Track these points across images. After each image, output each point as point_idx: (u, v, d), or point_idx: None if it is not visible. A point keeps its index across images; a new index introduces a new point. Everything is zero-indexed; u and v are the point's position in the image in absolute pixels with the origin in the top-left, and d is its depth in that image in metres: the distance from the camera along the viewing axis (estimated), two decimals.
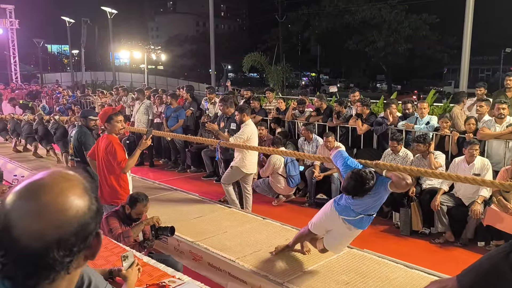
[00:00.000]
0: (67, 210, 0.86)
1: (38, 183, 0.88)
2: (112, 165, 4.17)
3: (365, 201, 3.36)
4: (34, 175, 0.90)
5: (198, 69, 53.47)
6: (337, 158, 3.67)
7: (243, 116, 5.77)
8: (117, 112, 4.27)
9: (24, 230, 0.83)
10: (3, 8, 21.48)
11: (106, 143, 4.17)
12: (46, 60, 49.11)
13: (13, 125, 10.34)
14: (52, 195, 0.86)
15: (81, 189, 0.91)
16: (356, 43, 33.45)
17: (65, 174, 0.92)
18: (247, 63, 19.04)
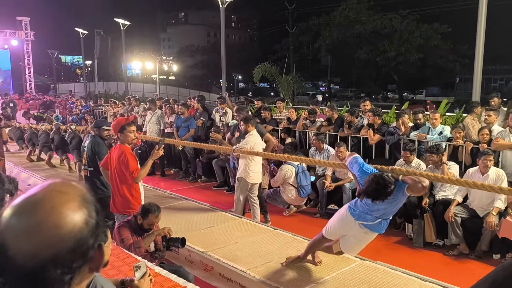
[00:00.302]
0: (60, 227, 0.82)
1: (31, 199, 0.84)
2: (124, 174, 4.20)
3: (383, 206, 3.36)
4: (30, 190, 0.86)
5: (209, 79, 53.84)
6: (352, 164, 3.68)
7: (247, 127, 5.89)
8: (130, 123, 4.31)
9: (17, 249, 0.80)
10: (19, 20, 21.95)
11: (119, 153, 4.21)
12: (60, 70, 49.95)
13: (29, 135, 10.51)
14: (44, 212, 0.82)
15: (78, 203, 0.86)
16: (367, 53, 33.41)
17: (61, 187, 0.87)
18: (258, 73, 19.14)
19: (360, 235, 3.56)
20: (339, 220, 3.69)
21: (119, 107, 12.19)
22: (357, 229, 3.52)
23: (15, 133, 11.17)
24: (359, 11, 33.92)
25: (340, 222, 3.66)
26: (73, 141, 9.02)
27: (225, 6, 14.50)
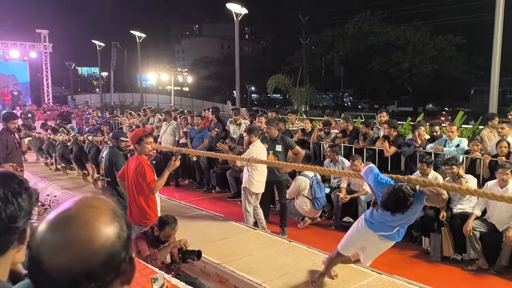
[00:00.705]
0: (93, 242, 0.83)
1: (64, 215, 0.87)
2: (141, 185, 4.24)
3: (402, 217, 3.34)
4: (63, 205, 0.89)
5: (222, 91, 54.27)
6: (368, 174, 3.66)
7: (251, 137, 6.04)
8: (147, 134, 4.37)
9: (52, 263, 0.82)
10: (38, 32, 22.50)
11: (136, 164, 4.26)
12: (77, 82, 50.88)
13: (47, 145, 10.69)
14: (78, 227, 0.84)
15: (109, 217, 0.88)
16: (380, 64, 33.33)
17: (92, 202, 0.89)
18: (271, 84, 19.23)
19: (380, 245, 3.56)
20: (356, 234, 3.65)
21: (135, 118, 12.35)
22: (377, 240, 3.50)
23: (35, 143, 11.39)
24: (372, 23, 33.95)
25: (358, 236, 3.63)
26: (91, 151, 9.17)
27: (239, 19, 14.62)
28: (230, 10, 14.71)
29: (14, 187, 1.11)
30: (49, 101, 22.55)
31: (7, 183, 1.11)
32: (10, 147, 5.69)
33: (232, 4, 14.59)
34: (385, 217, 3.40)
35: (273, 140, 6.28)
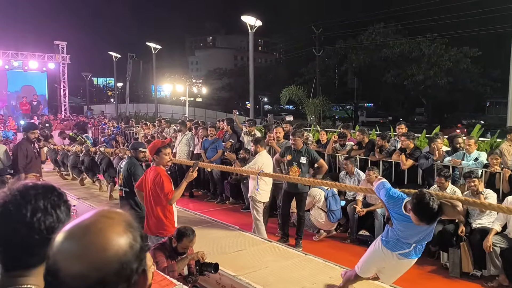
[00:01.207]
0: (106, 250, 0.86)
1: (80, 224, 0.90)
2: (159, 196, 4.27)
3: (416, 231, 3.31)
4: (80, 216, 0.92)
5: (235, 101, 54.55)
6: (379, 188, 3.63)
7: (257, 147, 6.34)
8: (166, 145, 4.41)
9: (68, 271, 0.85)
10: (56, 44, 22.99)
11: (154, 175, 4.29)
12: (92, 92, 51.74)
13: (62, 156, 10.85)
14: (92, 235, 0.87)
15: (122, 227, 0.91)
16: (395, 76, 33.20)
17: (107, 213, 0.93)
18: (285, 96, 19.28)
19: (399, 265, 3.50)
20: (374, 255, 3.61)
21: (150, 129, 12.47)
22: (396, 260, 3.45)
23: (50, 154, 11.56)
24: (386, 35, 33.91)
25: (376, 257, 3.59)
26: (102, 162, 9.27)
27: (254, 31, 14.74)
28: (243, 21, 14.83)
29: (54, 199, 1.15)
30: (65, 111, 22.92)
31: (47, 195, 1.14)
32: (30, 156, 5.79)
33: (247, 17, 14.71)
34: (400, 233, 3.36)
35: (298, 152, 6.27)
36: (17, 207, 1.09)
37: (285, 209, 6.46)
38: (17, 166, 5.67)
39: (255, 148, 6.38)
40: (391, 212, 3.45)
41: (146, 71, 34.31)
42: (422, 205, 3.13)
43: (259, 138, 6.68)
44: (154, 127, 12.39)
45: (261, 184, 6.10)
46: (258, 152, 6.30)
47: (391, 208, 3.43)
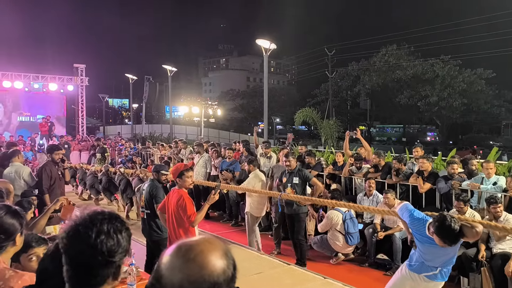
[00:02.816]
0: (203, 268, 1.00)
1: (187, 244, 1.06)
2: (182, 218, 4.33)
3: (439, 254, 3.35)
4: (189, 238, 1.09)
5: (248, 122, 54.96)
6: (403, 210, 3.72)
7: (250, 167, 6.97)
8: (188, 168, 4.51)
9: (169, 279, 1.01)
10: (75, 67, 23.65)
11: (177, 197, 4.38)
12: (108, 113, 52.63)
13: (81, 174, 11.06)
14: (194, 254, 1.03)
15: (221, 253, 1.06)
16: (408, 98, 33.20)
17: (210, 239, 1.09)
18: (299, 117, 19.41)
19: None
20: (400, 281, 3.64)
21: (166, 150, 12.63)
22: (423, 283, 3.47)
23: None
24: (399, 57, 34.11)
25: (402, 283, 3.61)
26: (121, 183, 9.43)
27: (268, 54, 14.98)
28: (256, 43, 15.08)
29: (117, 225, 1.27)
30: (83, 132, 23.37)
31: (112, 221, 1.27)
32: (54, 177, 5.95)
33: (261, 40, 14.98)
34: (424, 256, 3.40)
35: (290, 173, 6.39)
36: (85, 229, 1.23)
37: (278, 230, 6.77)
38: (42, 187, 5.82)
39: (248, 168, 7.03)
40: (415, 234, 3.52)
41: (161, 92, 34.94)
42: (444, 226, 3.23)
43: (252, 159, 7.31)
44: (170, 148, 12.53)
45: (256, 201, 6.71)
46: (251, 171, 6.97)
47: (415, 230, 3.51)
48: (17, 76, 21.51)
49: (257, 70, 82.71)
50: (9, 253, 1.90)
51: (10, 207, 1.95)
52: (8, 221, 1.88)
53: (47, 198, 5.71)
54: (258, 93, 48.28)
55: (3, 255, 1.87)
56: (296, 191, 6.24)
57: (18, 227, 1.91)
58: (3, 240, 1.86)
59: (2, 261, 1.86)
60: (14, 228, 1.89)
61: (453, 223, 3.21)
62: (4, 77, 21.18)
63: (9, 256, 1.91)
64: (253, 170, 6.95)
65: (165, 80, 26.34)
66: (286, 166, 6.42)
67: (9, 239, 1.88)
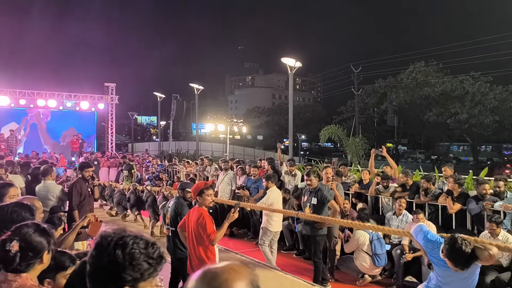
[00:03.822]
0: None
1: (212, 271, 1.07)
2: (201, 237, 4.31)
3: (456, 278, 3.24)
4: (213, 264, 1.11)
5: (273, 139, 55.07)
6: (417, 232, 3.66)
7: (268, 184, 6.98)
8: (208, 186, 4.52)
9: None
10: (106, 85, 24.46)
11: (197, 216, 4.37)
12: (137, 130, 53.89)
13: (110, 191, 11.31)
14: (219, 282, 1.03)
15: (246, 282, 1.06)
16: (437, 115, 32.51)
17: (236, 267, 1.09)
18: (324, 135, 19.29)
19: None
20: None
21: (192, 167, 12.76)
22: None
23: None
24: (427, 74, 33.58)
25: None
26: (148, 199, 9.58)
27: (293, 72, 15.07)
28: (281, 61, 15.19)
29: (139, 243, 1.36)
30: (112, 149, 23.96)
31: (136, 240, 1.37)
32: (84, 194, 6.09)
33: (286, 59, 15.09)
34: (440, 279, 3.33)
35: (310, 192, 6.30)
36: (110, 249, 1.32)
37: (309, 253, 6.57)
38: (72, 204, 5.97)
39: (266, 184, 7.03)
40: (430, 257, 3.47)
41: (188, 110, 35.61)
42: (455, 249, 3.16)
43: (271, 175, 7.36)
44: (196, 165, 12.67)
45: (273, 215, 6.79)
46: (269, 187, 6.96)
47: (429, 252, 3.46)
48: (51, 95, 22.40)
49: (283, 88, 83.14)
50: (36, 271, 1.96)
51: (39, 225, 2.02)
52: (36, 239, 1.94)
53: (76, 215, 5.84)
54: (284, 110, 48.42)
55: (30, 273, 1.92)
56: (313, 212, 6.09)
57: (46, 245, 1.97)
58: (31, 258, 1.92)
59: (30, 278, 1.91)
60: (42, 246, 1.95)
61: (464, 245, 3.13)
62: (39, 96, 22.09)
63: (36, 273, 1.96)
64: (271, 187, 6.99)
65: (192, 98, 26.80)
66: (307, 184, 6.35)
67: (36, 257, 1.94)
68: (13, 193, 3.37)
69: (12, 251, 1.87)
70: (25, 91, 21.94)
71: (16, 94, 21.64)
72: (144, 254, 1.34)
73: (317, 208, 6.12)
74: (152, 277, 1.36)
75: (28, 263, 1.91)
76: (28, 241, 1.92)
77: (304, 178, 6.72)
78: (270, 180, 7.06)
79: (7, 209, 2.53)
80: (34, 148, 21.71)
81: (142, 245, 1.35)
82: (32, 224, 2.00)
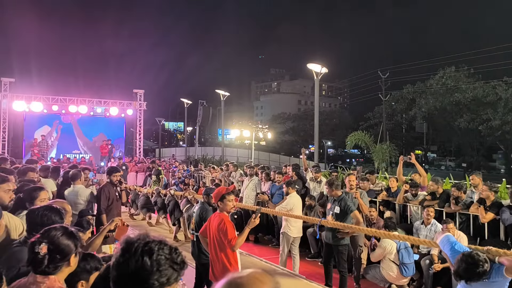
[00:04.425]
0: None
1: (237, 281, 1.08)
2: (223, 242, 4.31)
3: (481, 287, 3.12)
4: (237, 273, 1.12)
5: (298, 145, 54.85)
6: (444, 243, 3.56)
7: (288, 189, 7.11)
8: (230, 192, 4.52)
9: None
10: (135, 92, 25.01)
11: (218, 221, 4.36)
12: (164, 136, 54.78)
13: (134, 196, 11.50)
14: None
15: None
16: (468, 121, 31.60)
17: (260, 276, 1.10)
18: (351, 141, 19.05)
19: None
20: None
21: (217, 172, 12.84)
22: None
23: None
24: (458, 79, 32.73)
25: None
26: (170, 204, 9.66)
27: (319, 78, 14.98)
28: (307, 67, 15.13)
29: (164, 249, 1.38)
30: (140, 154, 24.41)
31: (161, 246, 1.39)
32: (112, 198, 6.22)
33: (312, 64, 15.03)
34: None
35: (334, 200, 6.20)
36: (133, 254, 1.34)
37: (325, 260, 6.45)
38: (100, 207, 6.10)
39: (286, 190, 7.15)
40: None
41: (214, 116, 36.02)
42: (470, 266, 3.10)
43: (291, 181, 7.52)
44: (221, 170, 12.74)
45: (292, 221, 6.86)
46: (290, 193, 7.09)
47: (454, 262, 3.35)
48: (82, 101, 23.08)
49: (309, 94, 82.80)
50: (63, 273, 2.00)
51: (66, 228, 2.07)
52: (64, 242, 1.99)
53: (104, 218, 5.95)
54: (309, 116, 48.18)
55: (58, 275, 1.97)
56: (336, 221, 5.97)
57: (73, 248, 2.01)
58: (59, 260, 1.97)
59: (58, 280, 1.96)
60: (69, 249, 2.00)
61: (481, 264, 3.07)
62: (70, 102, 22.79)
63: (64, 276, 2.01)
64: (291, 192, 7.11)
65: (218, 104, 27.06)
66: (327, 193, 6.28)
67: (64, 259, 1.99)
68: (44, 196, 3.47)
69: (41, 253, 1.92)
70: (58, 97, 22.69)
71: (49, 101, 22.40)
72: (169, 259, 1.36)
73: (339, 217, 6.01)
74: (176, 282, 1.38)
75: (56, 266, 1.96)
76: (56, 243, 1.96)
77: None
78: (290, 186, 7.17)
79: (38, 212, 2.62)
80: (66, 152, 22.40)
81: (167, 251, 1.37)
82: (60, 227, 2.05)
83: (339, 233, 5.95)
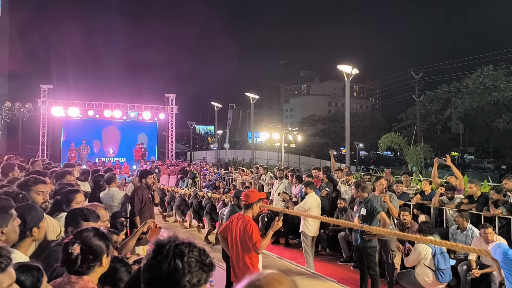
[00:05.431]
0: None
1: (255, 284, 1.07)
2: (247, 244, 4.29)
3: None
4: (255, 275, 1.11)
5: (329, 148, 54.33)
6: (495, 249, 3.40)
7: (307, 190, 7.43)
8: (263, 198, 4.52)
9: None
10: (167, 96, 25.52)
11: (245, 224, 4.34)
12: (195, 139, 55.53)
13: (170, 197, 11.69)
14: None
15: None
16: (507, 122, 30.34)
17: (278, 277, 1.09)
18: (384, 143, 18.68)
19: None
20: None
21: (247, 175, 12.87)
22: None
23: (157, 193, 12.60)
24: (496, 78, 31.49)
25: None
26: (207, 206, 9.76)
27: (350, 79, 14.78)
28: (337, 68, 14.93)
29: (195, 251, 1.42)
30: (172, 157, 24.84)
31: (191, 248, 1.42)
32: (145, 200, 6.34)
33: (343, 66, 14.85)
34: None
35: (360, 202, 6.06)
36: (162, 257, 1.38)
37: (360, 265, 6.23)
38: (133, 209, 6.23)
39: (305, 190, 7.48)
40: (507, 275, 3.32)
41: (244, 119, 36.24)
42: None
43: (310, 182, 7.83)
44: (251, 173, 12.76)
45: (310, 220, 7.09)
46: (308, 193, 7.39)
47: (507, 270, 3.21)
48: (116, 106, 23.75)
49: (339, 95, 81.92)
50: (96, 273, 2.06)
51: (98, 229, 2.13)
52: (96, 243, 2.06)
53: (137, 220, 6.08)
54: (340, 118, 47.64)
55: (91, 275, 2.03)
56: (362, 223, 5.82)
57: (105, 249, 2.07)
58: (91, 261, 2.03)
59: (91, 280, 2.01)
60: (101, 249, 2.06)
61: None
62: (105, 107, 23.50)
63: (96, 276, 2.07)
64: (310, 193, 7.38)
65: (248, 107, 27.21)
66: (354, 195, 6.17)
67: (96, 260, 2.05)
68: (80, 199, 3.58)
69: (74, 254, 1.99)
70: (93, 103, 23.44)
71: (85, 106, 23.18)
72: (199, 261, 1.39)
73: (366, 219, 5.85)
74: (205, 283, 1.40)
75: (89, 266, 2.02)
76: (88, 244, 2.03)
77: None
78: (309, 186, 7.50)
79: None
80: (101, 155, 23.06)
81: (196, 253, 1.40)
82: (92, 229, 2.11)
83: (366, 235, 5.84)
